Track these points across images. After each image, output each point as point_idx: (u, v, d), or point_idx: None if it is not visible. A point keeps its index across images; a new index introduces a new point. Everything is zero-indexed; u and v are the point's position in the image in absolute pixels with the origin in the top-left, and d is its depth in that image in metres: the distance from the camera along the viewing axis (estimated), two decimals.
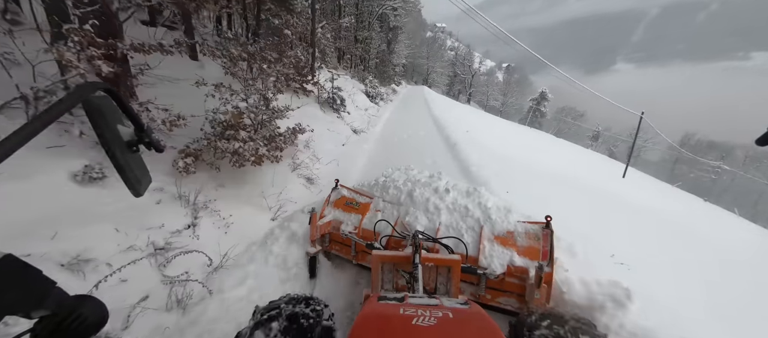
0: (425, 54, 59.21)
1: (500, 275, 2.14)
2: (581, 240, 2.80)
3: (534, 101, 64.26)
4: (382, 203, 2.89)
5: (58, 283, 0.56)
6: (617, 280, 2.13)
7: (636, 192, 13.51)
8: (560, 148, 21.92)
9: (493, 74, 73.23)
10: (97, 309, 0.63)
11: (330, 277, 2.81)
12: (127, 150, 0.70)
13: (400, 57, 39.81)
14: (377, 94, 16.74)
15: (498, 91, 65.65)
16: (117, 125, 0.68)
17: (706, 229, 10.51)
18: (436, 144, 9.02)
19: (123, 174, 0.68)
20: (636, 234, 6.19)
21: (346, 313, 2.42)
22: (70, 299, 0.59)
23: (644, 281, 3.00)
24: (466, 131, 11.65)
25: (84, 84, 0.60)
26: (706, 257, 6.68)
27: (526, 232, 2.32)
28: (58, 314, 0.56)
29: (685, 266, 5.37)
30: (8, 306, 0.47)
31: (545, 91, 63.42)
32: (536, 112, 64.20)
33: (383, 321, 1.13)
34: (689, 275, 4.93)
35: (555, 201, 5.65)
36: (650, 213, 9.22)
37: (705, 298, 4.04)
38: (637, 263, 3.60)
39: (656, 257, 5.10)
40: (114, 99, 0.68)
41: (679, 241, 7.19)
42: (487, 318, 1.15)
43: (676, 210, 12.98)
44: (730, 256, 7.71)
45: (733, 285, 5.33)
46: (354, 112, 11.15)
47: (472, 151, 7.48)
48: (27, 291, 0.50)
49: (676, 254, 5.90)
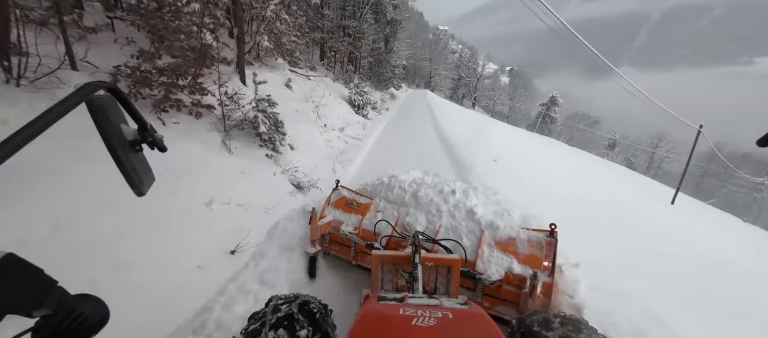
0: (428, 55, 54.80)
1: (497, 281, 2.11)
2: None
3: (543, 106, 60.11)
4: (383, 204, 2.86)
5: (59, 283, 0.55)
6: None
7: (703, 228, 9.49)
8: (587, 162, 17.81)
9: (497, 77, 68.77)
10: (99, 308, 0.62)
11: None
12: (130, 149, 0.70)
13: (401, 57, 35.34)
14: (367, 102, 12.25)
15: (505, 96, 61.21)
16: (120, 124, 0.68)
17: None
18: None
19: (126, 174, 0.68)
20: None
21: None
22: (72, 298, 0.58)
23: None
24: (493, 160, 7.82)
25: (88, 83, 0.60)
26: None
27: (528, 240, 2.25)
28: (59, 313, 0.55)
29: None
30: (9, 305, 0.46)
31: (556, 96, 59.23)
32: (546, 118, 60.02)
33: (383, 321, 1.13)
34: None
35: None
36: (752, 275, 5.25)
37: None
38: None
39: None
40: (117, 98, 0.68)
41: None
42: (487, 318, 1.15)
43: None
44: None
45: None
46: (315, 138, 6.63)
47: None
48: (28, 290, 0.50)
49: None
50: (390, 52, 29.76)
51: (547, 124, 58.56)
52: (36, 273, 0.51)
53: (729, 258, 5.92)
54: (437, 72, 56.16)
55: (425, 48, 55.03)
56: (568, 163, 13.95)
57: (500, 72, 75.48)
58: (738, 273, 5.10)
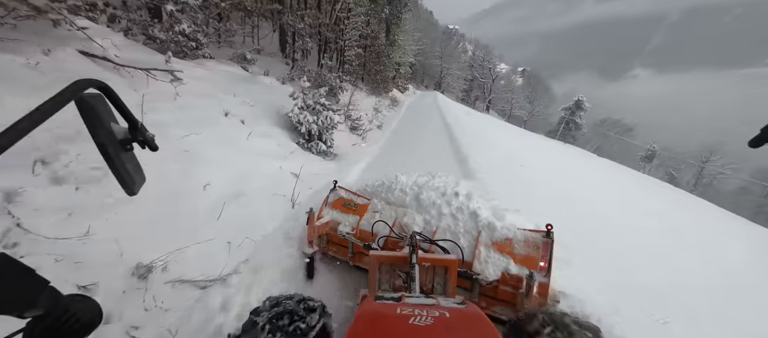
0: (439, 53, 48.78)
1: (494, 282, 2.11)
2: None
3: (567, 111, 53.65)
4: (380, 204, 2.83)
5: (51, 282, 0.54)
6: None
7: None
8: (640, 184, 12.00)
9: (509, 78, 62.31)
10: (91, 309, 0.62)
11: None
12: (121, 148, 0.68)
13: (407, 53, 29.48)
14: (327, 126, 6.30)
15: (523, 98, 54.76)
16: (111, 123, 0.66)
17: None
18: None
19: (117, 174, 0.67)
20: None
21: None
22: (64, 298, 0.58)
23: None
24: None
25: (78, 81, 0.58)
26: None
27: (525, 240, 2.26)
28: (51, 313, 0.55)
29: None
30: (1, 305, 0.46)
31: (582, 99, 52.79)
32: (570, 124, 53.50)
33: (380, 321, 1.11)
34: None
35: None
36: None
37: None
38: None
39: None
40: (108, 97, 0.67)
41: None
42: (484, 317, 1.14)
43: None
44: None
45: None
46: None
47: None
48: (20, 291, 0.49)
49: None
50: (393, 45, 23.91)
51: (570, 131, 52.03)
52: (28, 274, 0.51)
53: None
54: (449, 71, 50.02)
55: (436, 45, 49.00)
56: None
57: (512, 72, 68.58)
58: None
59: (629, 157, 44.53)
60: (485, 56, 57.53)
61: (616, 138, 46.85)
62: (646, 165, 43.98)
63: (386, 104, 17.61)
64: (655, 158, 44.78)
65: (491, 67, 58.21)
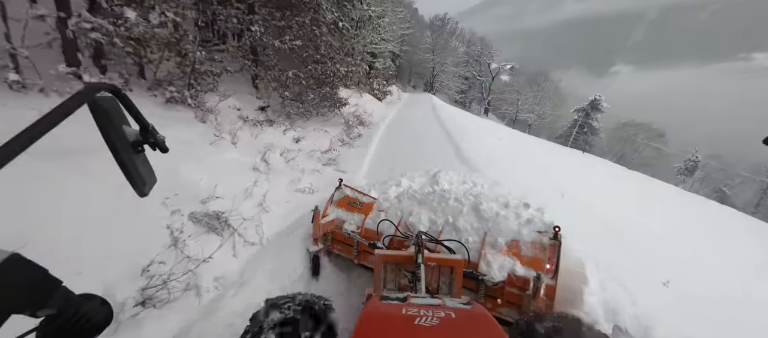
0: (430, 45, 39.35)
1: (500, 283, 2.09)
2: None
3: (580, 113, 45.25)
4: (386, 203, 2.84)
5: (63, 283, 0.55)
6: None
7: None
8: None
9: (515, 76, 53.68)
10: (102, 309, 0.62)
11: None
12: (132, 150, 0.69)
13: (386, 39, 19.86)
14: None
15: (531, 100, 46.07)
16: (122, 126, 0.67)
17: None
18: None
19: (128, 175, 0.67)
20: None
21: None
22: (76, 298, 0.58)
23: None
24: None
25: (89, 85, 0.60)
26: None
27: (532, 242, 2.24)
28: (64, 313, 0.55)
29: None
30: (14, 304, 0.46)
31: (598, 99, 44.43)
32: (584, 128, 44.96)
33: (385, 321, 1.11)
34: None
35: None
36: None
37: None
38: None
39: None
40: (119, 100, 0.67)
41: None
42: (490, 318, 1.12)
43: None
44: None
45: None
46: None
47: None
48: (33, 291, 0.50)
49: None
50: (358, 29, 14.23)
51: (585, 136, 43.62)
52: (41, 273, 0.51)
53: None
54: (443, 68, 40.61)
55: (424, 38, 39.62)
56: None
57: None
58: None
59: (661, 168, 36.51)
60: (482, 50, 48.56)
61: (644, 143, 38.60)
62: (686, 178, 35.93)
63: (338, 137, 7.94)
64: (698, 169, 36.65)
65: (489, 63, 49.31)
